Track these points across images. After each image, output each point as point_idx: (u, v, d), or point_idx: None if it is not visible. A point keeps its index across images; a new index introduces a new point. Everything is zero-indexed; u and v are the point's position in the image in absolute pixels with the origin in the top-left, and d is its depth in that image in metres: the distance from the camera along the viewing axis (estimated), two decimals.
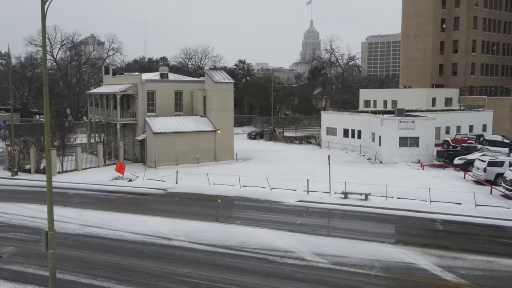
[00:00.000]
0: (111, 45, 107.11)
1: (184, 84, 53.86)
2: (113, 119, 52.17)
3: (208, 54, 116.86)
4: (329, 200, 34.32)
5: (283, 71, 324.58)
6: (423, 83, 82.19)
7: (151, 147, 48.37)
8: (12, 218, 29.34)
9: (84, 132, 79.70)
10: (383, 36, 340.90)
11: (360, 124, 57.53)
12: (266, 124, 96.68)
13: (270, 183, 37.99)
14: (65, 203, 33.29)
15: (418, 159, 48.63)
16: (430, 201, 33.11)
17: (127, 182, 41.24)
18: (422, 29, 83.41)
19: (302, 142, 67.21)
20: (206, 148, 50.53)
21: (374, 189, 35.60)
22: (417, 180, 40.72)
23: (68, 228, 27.11)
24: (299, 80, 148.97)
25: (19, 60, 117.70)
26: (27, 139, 49.55)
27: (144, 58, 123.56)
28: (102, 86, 60.21)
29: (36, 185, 40.22)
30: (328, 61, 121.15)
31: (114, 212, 30.89)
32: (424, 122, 49.91)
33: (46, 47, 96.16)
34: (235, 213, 31.66)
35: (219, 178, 40.18)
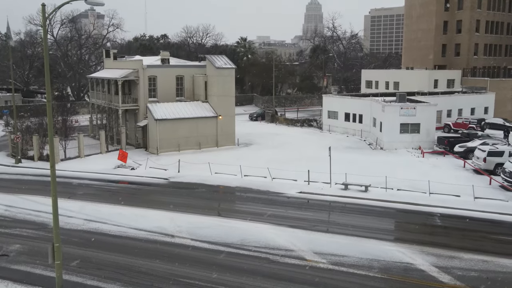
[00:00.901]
0: (111, 21, 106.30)
1: (186, 69, 53.73)
2: (115, 104, 52.27)
3: (209, 33, 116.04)
4: (330, 191, 34.71)
5: (285, 45, 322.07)
6: (426, 63, 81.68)
7: (153, 134, 48.61)
8: (17, 212, 29.82)
9: (85, 112, 79.94)
10: (387, 9, 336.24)
11: (361, 108, 57.54)
12: (268, 103, 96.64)
13: (271, 172, 38.34)
14: (69, 194, 33.75)
15: (419, 146, 48.84)
16: (429, 193, 33.50)
17: (129, 170, 41.65)
18: (425, 9, 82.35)
19: (304, 124, 67.33)
20: (208, 134, 50.76)
21: (374, 179, 36.01)
22: (417, 169, 41.06)
23: (73, 224, 27.60)
24: (301, 57, 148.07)
25: (19, 37, 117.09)
26: (29, 125, 49.71)
27: (144, 36, 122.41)
28: (103, 70, 60.04)
29: (40, 173, 40.64)
30: (330, 39, 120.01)
31: (117, 205, 31.33)
32: (426, 108, 49.92)
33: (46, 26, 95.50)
34: (237, 206, 32.10)
35: (220, 167, 40.55)
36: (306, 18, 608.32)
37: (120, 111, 51.18)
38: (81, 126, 65.96)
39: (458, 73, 77.69)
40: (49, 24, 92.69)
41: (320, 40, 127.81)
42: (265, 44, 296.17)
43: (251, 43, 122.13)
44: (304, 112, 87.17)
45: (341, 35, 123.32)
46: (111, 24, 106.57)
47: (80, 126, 65.60)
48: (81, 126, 65.77)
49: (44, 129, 48.03)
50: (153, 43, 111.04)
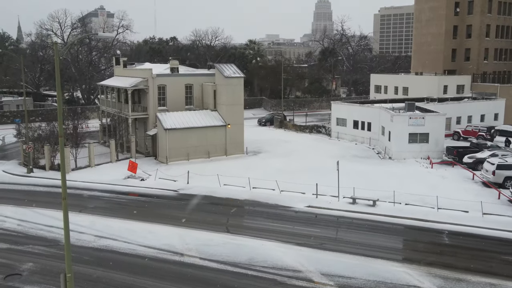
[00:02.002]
0: (121, 22, 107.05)
1: (195, 78, 54.03)
2: (125, 113, 52.74)
3: (218, 36, 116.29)
4: (338, 205, 34.87)
5: (294, 45, 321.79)
6: (435, 68, 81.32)
7: (162, 143, 49.00)
8: (29, 227, 30.32)
9: (96, 117, 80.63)
10: (397, 8, 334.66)
11: (370, 116, 57.51)
12: (277, 107, 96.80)
13: (280, 184, 38.56)
14: (80, 208, 34.21)
15: (428, 155, 48.78)
16: (437, 208, 33.57)
17: (139, 181, 42.06)
18: (435, 13, 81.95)
19: (312, 131, 67.41)
20: (217, 143, 51.05)
21: (382, 193, 36.13)
22: (426, 181, 41.07)
23: (84, 240, 28.03)
24: (310, 58, 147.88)
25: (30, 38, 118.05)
26: (40, 134, 50.25)
27: (154, 38, 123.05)
28: (113, 78, 60.53)
29: (51, 184, 41.21)
30: (339, 41, 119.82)
31: (127, 220, 31.74)
32: (435, 118, 49.83)
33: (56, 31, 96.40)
34: (245, 222, 32.35)
35: (229, 178, 40.81)
36: (316, 16, 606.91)
37: (130, 120, 51.64)
38: (91, 132, 66.60)
39: (468, 79, 77.30)
40: (60, 28, 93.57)
41: (329, 42, 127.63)
42: (274, 44, 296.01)
43: (260, 46, 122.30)
44: (313, 116, 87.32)
45: (350, 37, 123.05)
46: (121, 26, 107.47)
47: (90, 132, 66.23)
48: (92, 132, 66.38)
49: (55, 137, 48.51)
50: (163, 46, 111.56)
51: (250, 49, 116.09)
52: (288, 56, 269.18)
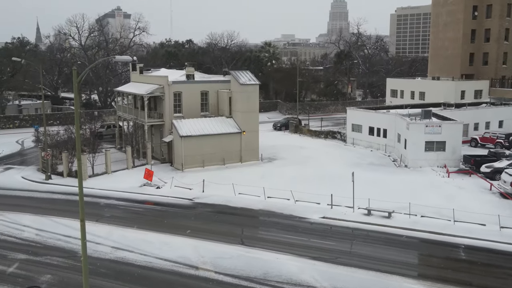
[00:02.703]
0: (137, 24, 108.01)
1: (210, 85, 54.31)
2: (141, 119, 53.24)
3: (233, 40, 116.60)
4: (353, 217, 34.77)
5: (309, 45, 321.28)
6: (453, 72, 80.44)
7: (178, 150, 49.36)
8: (48, 237, 30.81)
9: (112, 120, 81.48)
10: (413, 8, 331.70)
11: (385, 123, 57.19)
12: (292, 110, 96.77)
13: (295, 194, 38.61)
14: (96, 217, 34.66)
15: (444, 164, 48.34)
16: (453, 221, 33.27)
17: (155, 189, 42.45)
18: (452, 17, 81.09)
19: (327, 137, 67.23)
20: (232, 150, 51.25)
21: (398, 204, 35.93)
22: (442, 191, 40.74)
23: (100, 252, 28.41)
24: (325, 60, 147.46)
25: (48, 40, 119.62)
26: (58, 140, 50.96)
27: (170, 41, 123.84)
28: (130, 84, 61.11)
29: (69, 191, 41.78)
30: (355, 44, 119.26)
31: (143, 231, 32.05)
32: (451, 126, 49.37)
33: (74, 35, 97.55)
34: (260, 233, 32.42)
35: (244, 186, 40.94)
36: (331, 16, 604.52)
37: (146, 127, 52.12)
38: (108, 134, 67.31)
39: (486, 84, 76.34)
40: (78, 33, 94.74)
41: (345, 45, 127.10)
42: (289, 44, 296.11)
43: (275, 48, 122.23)
44: (328, 120, 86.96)
45: (365, 40, 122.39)
46: (137, 28, 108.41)
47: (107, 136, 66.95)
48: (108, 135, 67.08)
49: (73, 142, 49.11)
50: (179, 49, 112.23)
51: (266, 52, 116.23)
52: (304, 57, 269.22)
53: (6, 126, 77.94)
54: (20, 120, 79.99)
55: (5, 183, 45.00)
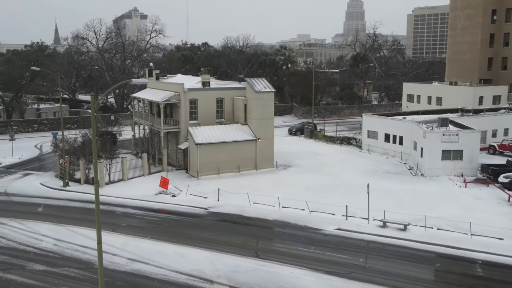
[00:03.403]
0: (153, 26, 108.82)
1: (226, 92, 54.46)
2: (157, 126, 53.65)
3: (249, 43, 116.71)
4: (368, 229, 34.61)
5: (325, 46, 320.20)
6: (471, 77, 79.47)
7: (193, 157, 49.64)
8: (65, 247, 31.25)
9: (129, 124, 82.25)
10: (431, 8, 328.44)
11: (402, 130, 56.75)
12: (307, 114, 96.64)
13: (309, 203, 38.59)
14: (113, 227, 35.04)
15: (461, 173, 47.83)
16: (470, 234, 32.91)
17: (170, 197, 42.75)
18: (471, 21, 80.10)
19: (343, 142, 66.94)
20: (247, 157, 51.36)
21: (414, 216, 35.64)
22: (459, 202, 40.34)
23: (117, 264, 28.73)
24: (341, 62, 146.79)
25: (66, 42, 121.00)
26: (75, 147, 51.59)
27: (186, 44, 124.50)
28: (146, 90, 61.60)
29: (86, 199, 42.34)
30: (372, 47, 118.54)
31: (159, 242, 32.30)
32: (469, 135, 48.80)
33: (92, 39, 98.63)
34: (274, 245, 32.39)
35: (259, 196, 41.06)
36: (347, 15, 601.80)
37: (162, 134, 52.51)
38: (124, 141, 68.04)
39: (505, 89, 75.20)
40: (95, 37, 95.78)
41: (361, 47, 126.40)
42: (305, 45, 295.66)
43: (291, 51, 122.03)
44: (344, 125, 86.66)
45: (382, 43, 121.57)
46: (154, 30, 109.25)
47: (123, 141, 67.66)
48: (124, 141, 67.80)
49: (90, 148, 49.63)
50: (194, 52, 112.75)
51: (281, 55, 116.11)
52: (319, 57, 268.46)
53: (25, 130, 79.23)
54: (39, 124, 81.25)
55: (24, 189, 45.78)
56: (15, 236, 33.27)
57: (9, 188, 46.29)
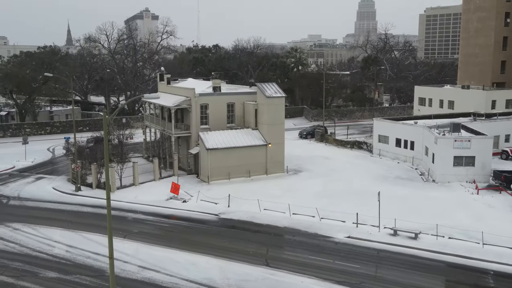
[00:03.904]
0: (165, 28, 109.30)
1: (236, 96, 54.57)
2: (168, 131, 53.93)
3: (260, 46, 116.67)
4: (378, 237, 34.51)
5: (336, 46, 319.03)
6: (483, 80, 78.69)
7: (204, 162, 49.82)
8: (77, 254, 31.56)
9: (140, 126, 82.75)
10: (443, 8, 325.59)
11: (413, 135, 56.43)
12: (318, 116, 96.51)
13: (320, 210, 38.63)
14: (124, 233, 35.29)
15: (473, 179, 47.46)
16: (482, 243, 32.67)
17: (181, 203, 42.96)
18: (483, 24, 79.30)
19: (354, 146, 66.73)
20: (258, 162, 51.41)
21: (425, 224, 35.49)
22: (471, 209, 40.05)
23: (128, 271, 28.95)
24: (352, 63, 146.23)
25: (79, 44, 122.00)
26: (87, 152, 52.05)
27: (197, 46, 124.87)
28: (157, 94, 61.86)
29: (98, 204, 42.71)
30: (383, 50, 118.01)
31: (170, 249, 32.50)
32: (481, 141, 48.41)
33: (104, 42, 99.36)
34: (284, 254, 32.38)
35: (269, 202, 41.11)
36: (359, 15, 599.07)
37: (173, 138, 52.76)
38: (135, 144, 68.35)
39: None
40: (107, 40, 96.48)
41: (372, 49, 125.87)
42: (316, 46, 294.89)
43: (302, 53, 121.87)
44: (355, 128, 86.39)
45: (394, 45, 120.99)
46: (165, 31, 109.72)
47: (134, 145, 67.99)
48: (136, 144, 68.14)
49: (102, 152, 49.98)
50: (205, 54, 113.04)
51: (292, 57, 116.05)
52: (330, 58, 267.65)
53: (38, 133, 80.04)
54: (51, 126, 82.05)
55: (37, 194, 46.29)
56: (28, 242, 33.67)
57: (22, 192, 46.83)
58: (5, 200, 44.72)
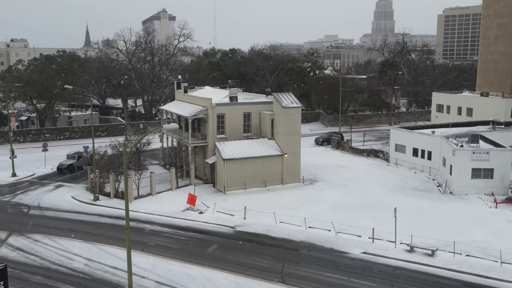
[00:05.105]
0: (182, 31, 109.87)
1: (253, 106, 54.81)
2: (185, 140, 54.39)
3: (276, 51, 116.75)
4: (394, 253, 34.42)
5: (353, 48, 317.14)
6: (503, 87, 77.75)
7: (220, 172, 50.15)
8: (96, 268, 32.08)
9: (157, 131, 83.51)
10: (462, 8, 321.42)
11: (430, 145, 56.01)
12: (334, 122, 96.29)
13: (335, 223, 38.76)
14: (142, 246, 35.76)
15: (492, 192, 46.98)
16: (500, 262, 32.38)
17: (197, 214, 43.32)
18: (503, 30, 78.33)
19: (370, 155, 66.45)
20: (274, 172, 51.59)
21: (442, 240, 35.28)
22: (489, 225, 39.68)
23: (146, 287, 29.37)
24: (369, 66, 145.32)
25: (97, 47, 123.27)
26: (105, 161, 52.69)
27: (214, 50, 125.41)
28: (174, 103, 62.51)
29: (116, 215, 43.30)
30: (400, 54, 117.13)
31: (187, 263, 32.83)
32: (500, 153, 47.87)
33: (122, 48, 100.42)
34: (300, 270, 32.37)
35: (285, 215, 41.25)
36: (376, 15, 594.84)
37: (190, 148, 53.20)
38: (153, 151, 68.99)
39: None
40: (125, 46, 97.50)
41: (389, 52, 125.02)
42: (332, 47, 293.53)
43: (318, 57, 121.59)
44: (371, 134, 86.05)
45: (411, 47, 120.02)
46: (182, 34, 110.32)
47: (152, 151, 68.61)
48: (153, 151, 68.79)
49: (119, 160, 50.53)
50: (222, 59, 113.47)
51: (308, 61, 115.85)
52: (347, 59, 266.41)
53: (57, 138, 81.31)
54: (70, 132, 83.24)
55: (57, 203, 47.08)
56: (48, 255, 34.32)
57: (42, 201, 47.69)
58: (25, 209, 45.62)
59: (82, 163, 60.69)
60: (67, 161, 60.29)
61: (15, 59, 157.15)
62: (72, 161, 60.09)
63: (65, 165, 59.34)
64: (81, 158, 61.00)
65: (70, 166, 59.35)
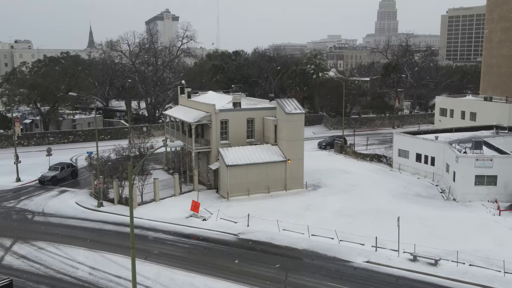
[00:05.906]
0: (185, 32, 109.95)
1: (256, 112, 54.86)
2: (189, 146, 54.52)
3: (280, 53, 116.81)
4: (397, 262, 34.46)
5: (356, 48, 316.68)
6: (506, 91, 77.55)
7: (224, 178, 50.27)
8: (100, 277, 32.24)
9: (160, 135, 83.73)
10: (466, 9, 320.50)
11: (434, 151, 55.98)
12: (337, 125, 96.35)
13: (338, 230, 38.75)
14: (145, 254, 35.89)
15: (495, 199, 46.96)
16: (504, 272, 32.40)
17: (201, 221, 43.44)
18: (507, 34, 78.18)
19: (373, 160, 66.46)
20: (277, 178, 51.69)
21: (445, 249, 35.31)
22: (492, 233, 39.69)
23: None
24: (372, 68, 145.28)
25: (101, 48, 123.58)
26: (109, 165, 52.89)
27: (217, 51, 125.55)
28: (178, 108, 62.64)
29: (119, 221, 43.45)
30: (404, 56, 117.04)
31: (190, 272, 32.94)
32: (504, 160, 47.83)
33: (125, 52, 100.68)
34: (303, 280, 32.37)
35: (288, 223, 41.33)
36: (379, 15, 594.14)
37: (193, 154, 53.33)
38: (156, 155, 69.04)
39: None
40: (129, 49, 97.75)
41: (392, 54, 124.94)
42: (335, 48, 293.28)
43: (321, 59, 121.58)
44: (374, 137, 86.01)
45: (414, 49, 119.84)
46: (185, 36, 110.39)
47: (155, 155, 68.65)
48: (156, 155, 68.85)
49: (123, 166, 50.70)
50: (225, 61, 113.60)
51: (311, 63, 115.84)
52: (350, 60, 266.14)
53: (61, 141, 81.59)
54: (74, 135, 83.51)
55: (60, 209, 47.29)
56: (53, 263, 34.50)
57: (46, 207, 47.91)
58: (30, 215, 45.85)
59: (65, 174, 58.06)
60: (49, 173, 56.88)
61: (19, 60, 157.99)
62: (55, 173, 56.71)
63: (47, 177, 56.08)
64: (64, 170, 58.13)
65: (53, 178, 56.01)
